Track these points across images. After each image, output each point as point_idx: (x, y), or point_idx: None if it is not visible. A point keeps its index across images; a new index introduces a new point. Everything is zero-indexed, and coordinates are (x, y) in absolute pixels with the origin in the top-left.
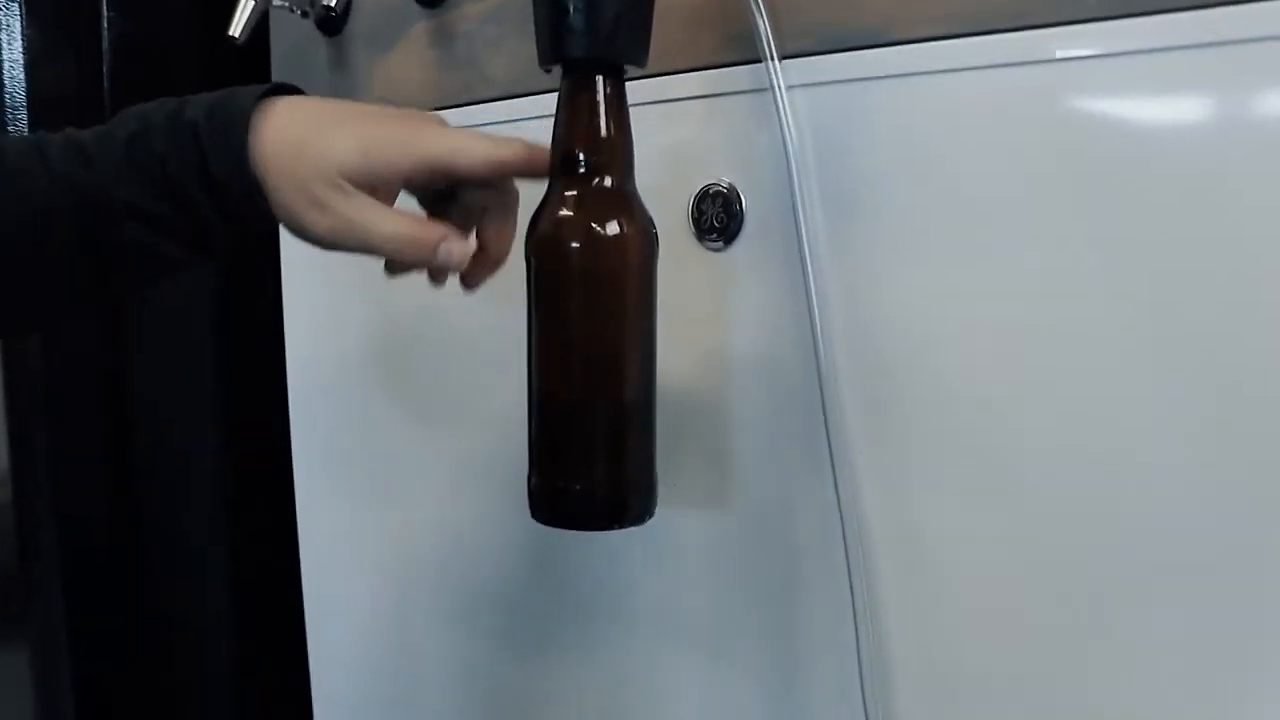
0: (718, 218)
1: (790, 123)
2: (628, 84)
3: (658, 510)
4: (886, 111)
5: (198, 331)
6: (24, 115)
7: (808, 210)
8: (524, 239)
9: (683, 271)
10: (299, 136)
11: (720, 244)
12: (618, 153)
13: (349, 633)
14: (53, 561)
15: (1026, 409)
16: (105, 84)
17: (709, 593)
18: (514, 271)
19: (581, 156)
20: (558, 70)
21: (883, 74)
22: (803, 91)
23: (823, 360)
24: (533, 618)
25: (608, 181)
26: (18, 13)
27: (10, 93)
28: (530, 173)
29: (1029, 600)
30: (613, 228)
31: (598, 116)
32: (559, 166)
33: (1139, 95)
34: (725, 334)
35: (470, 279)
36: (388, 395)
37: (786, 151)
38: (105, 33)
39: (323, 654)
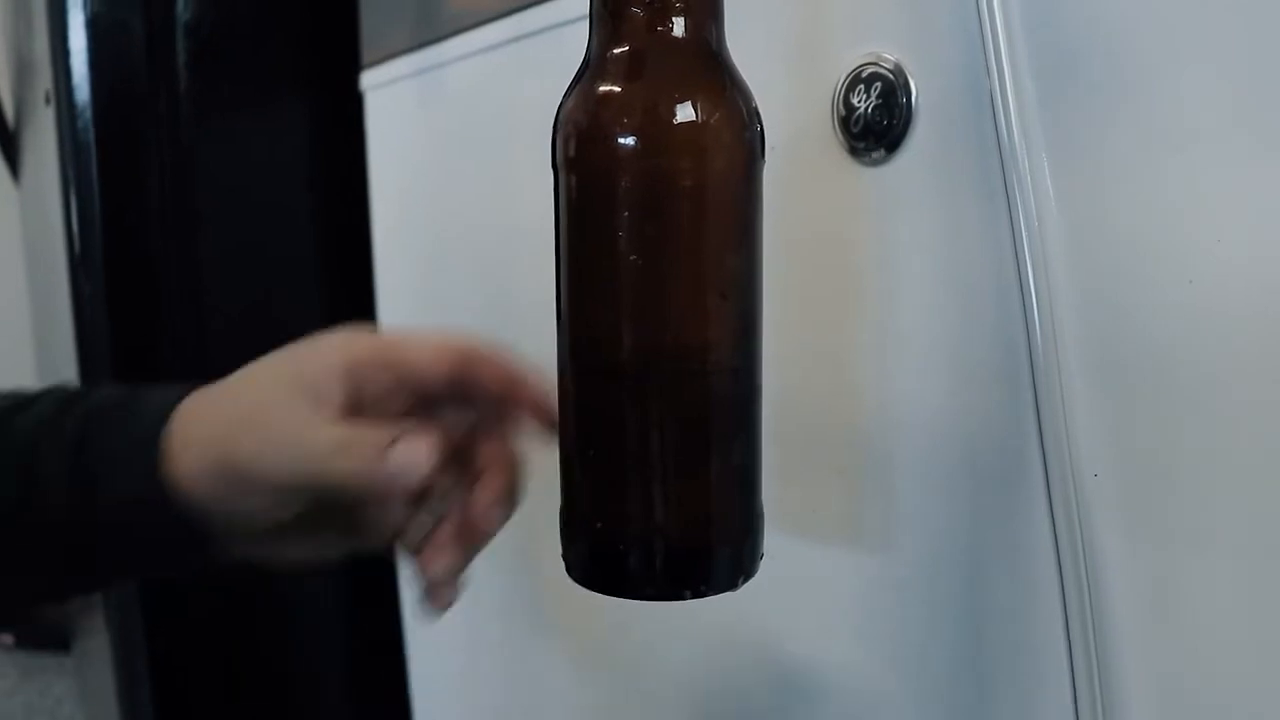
0: (875, 114)
1: None
2: None
3: (783, 554)
4: None
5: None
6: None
7: (1013, 100)
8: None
9: (822, 195)
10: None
11: (880, 153)
12: None
13: (452, 665)
14: None
15: None
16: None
17: (862, 668)
18: None
19: None
20: None
21: None
22: None
23: (1036, 327)
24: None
25: (679, 30)
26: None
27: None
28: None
29: None
30: (687, 110)
31: None
32: (601, 9)
33: None
34: (884, 288)
35: (441, 565)
36: None
37: (980, 8)
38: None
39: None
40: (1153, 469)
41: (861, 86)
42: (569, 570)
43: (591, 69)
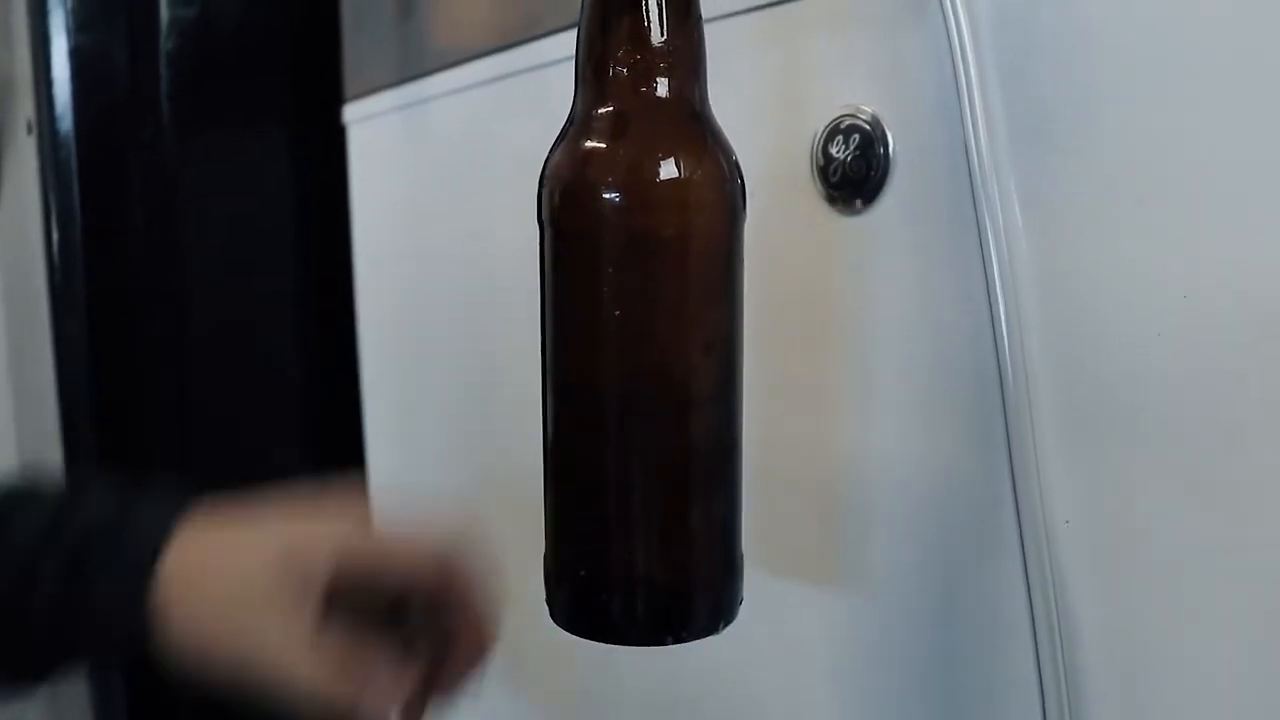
0: (853, 165)
1: (962, 17)
2: None
3: (759, 596)
4: None
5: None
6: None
7: (986, 150)
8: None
9: (801, 246)
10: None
11: (858, 203)
12: (676, 45)
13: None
14: None
15: None
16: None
17: (836, 708)
18: None
19: (619, 51)
20: None
21: None
22: None
23: (1009, 375)
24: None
25: (663, 91)
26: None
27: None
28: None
29: None
30: (670, 167)
31: None
32: (585, 66)
33: None
34: (862, 335)
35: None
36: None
37: (954, 60)
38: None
39: None
40: (1123, 517)
41: (840, 138)
42: (553, 615)
43: (577, 126)
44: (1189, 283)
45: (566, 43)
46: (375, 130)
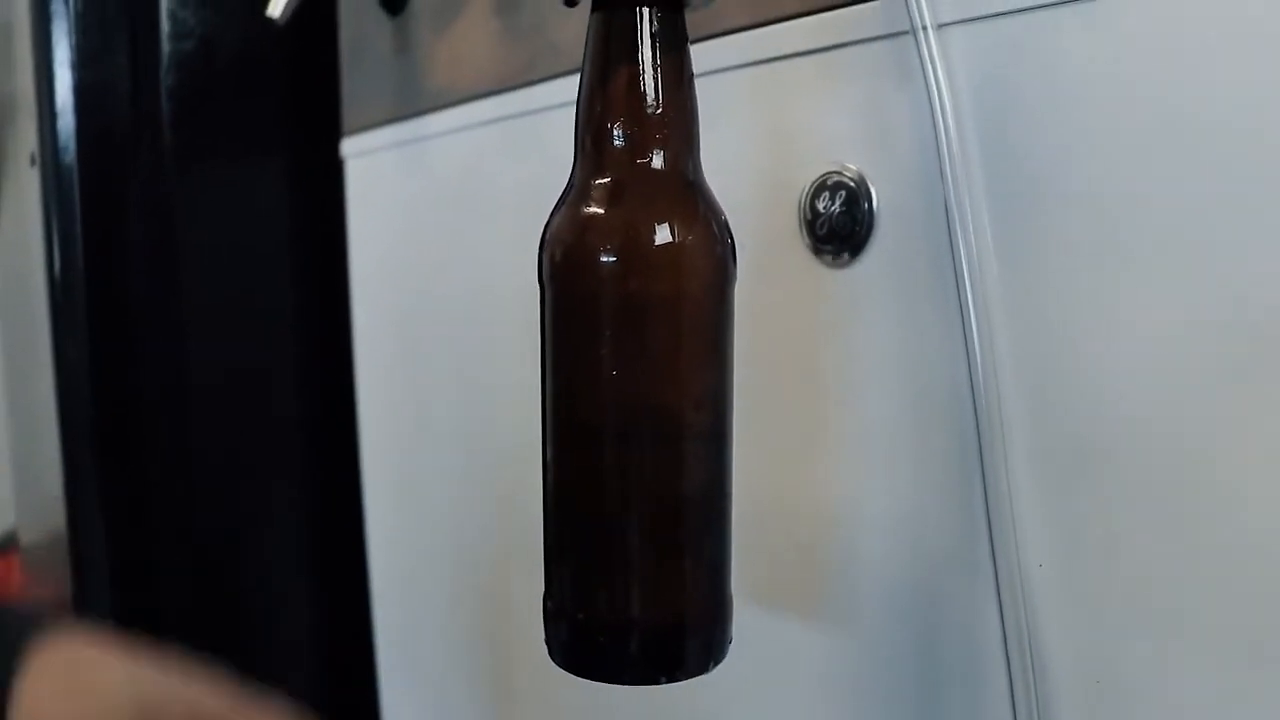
0: (839, 220)
1: (942, 80)
2: (704, 40)
3: (747, 633)
4: (1091, 56)
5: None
6: (72, 120)
7: (967, 208)
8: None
9: (789, 297)
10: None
11: (843, 257)
12: (672, 119)
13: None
14: (104, 590)
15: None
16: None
17: None
18: None
19: (617, 125)
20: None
21: None
22: (961, 32)
23: (985, 420)
24: None
25: (657, 162)
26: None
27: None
28: None
29: None
30: (664, 233)
31: (641, 66)
32: (584, 138)
33: None
34: (847, 381)
35: None
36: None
37: (936, 123)
38: (164, 24)
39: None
40: (1094, 560)
41: (827, 193)
42: (551, 654)
43: (577, 193)
44: (1158, 330)
45: (562, 89)
46: (373, 165)
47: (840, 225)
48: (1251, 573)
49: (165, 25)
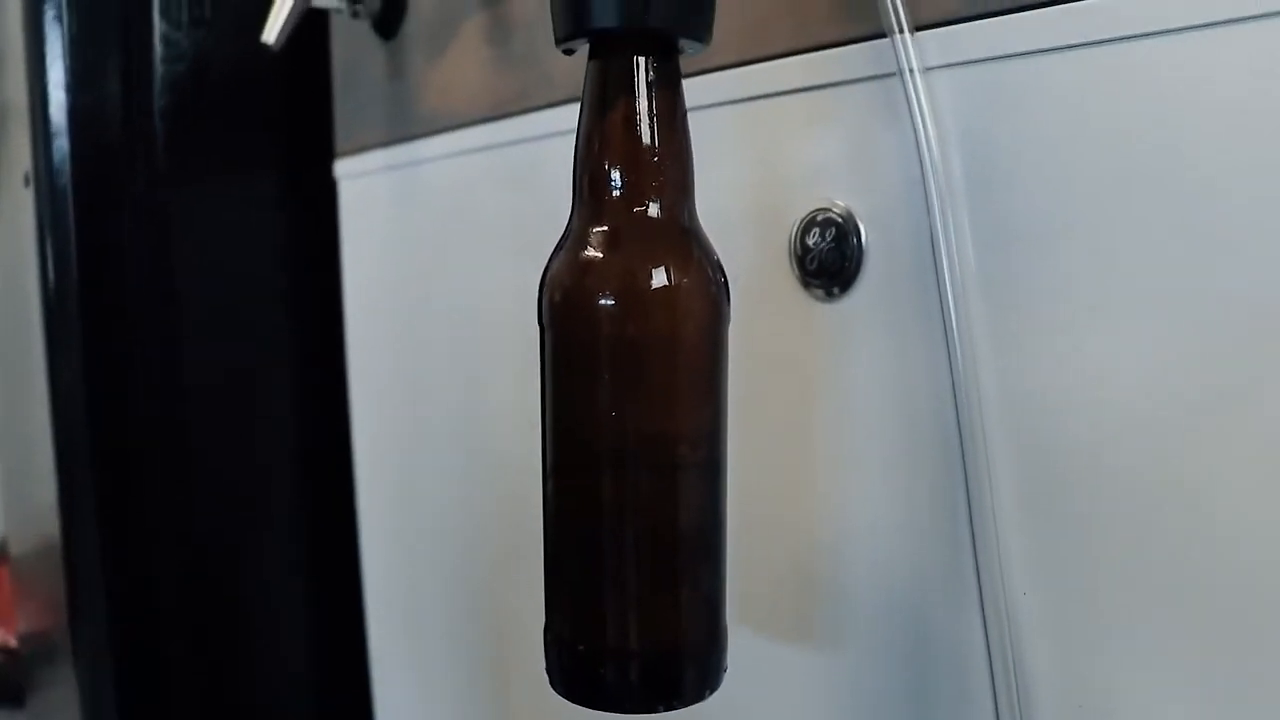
0: (829, 256)
1: (929, 121)
2: (696, 76)
3: (738, 655)
4: (1070, 100)
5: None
6: (66, 142)
7: (952, 244)
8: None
9: (780, 330)
10: None
11: (833, 291)
12: (668, 168)
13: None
14: (99, 593)
15: (1258, 516)
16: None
17: None
18: None
19: (615, 174)
20: (585, 51)
21: (1065, 43)
22: (946, 75)
23: (970, 451)
24: None
25: (653, 210)
26: (60, 24)
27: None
28: None
29: None
30: (660, 277)
31: (638, 114)
32: (583, 186)
33: None
34: (838, 411)
35: None
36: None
37: (923, 162)
38: (157, 46)
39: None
40: (1077, 586)
41: (816, 229)
42: (552, 682)
43: (576, 239)
44: (1133, 360)
45: (554, 118)
46: (366, 187)
47: (830, 260)
48: (1230, 599)
49: (159, 48)
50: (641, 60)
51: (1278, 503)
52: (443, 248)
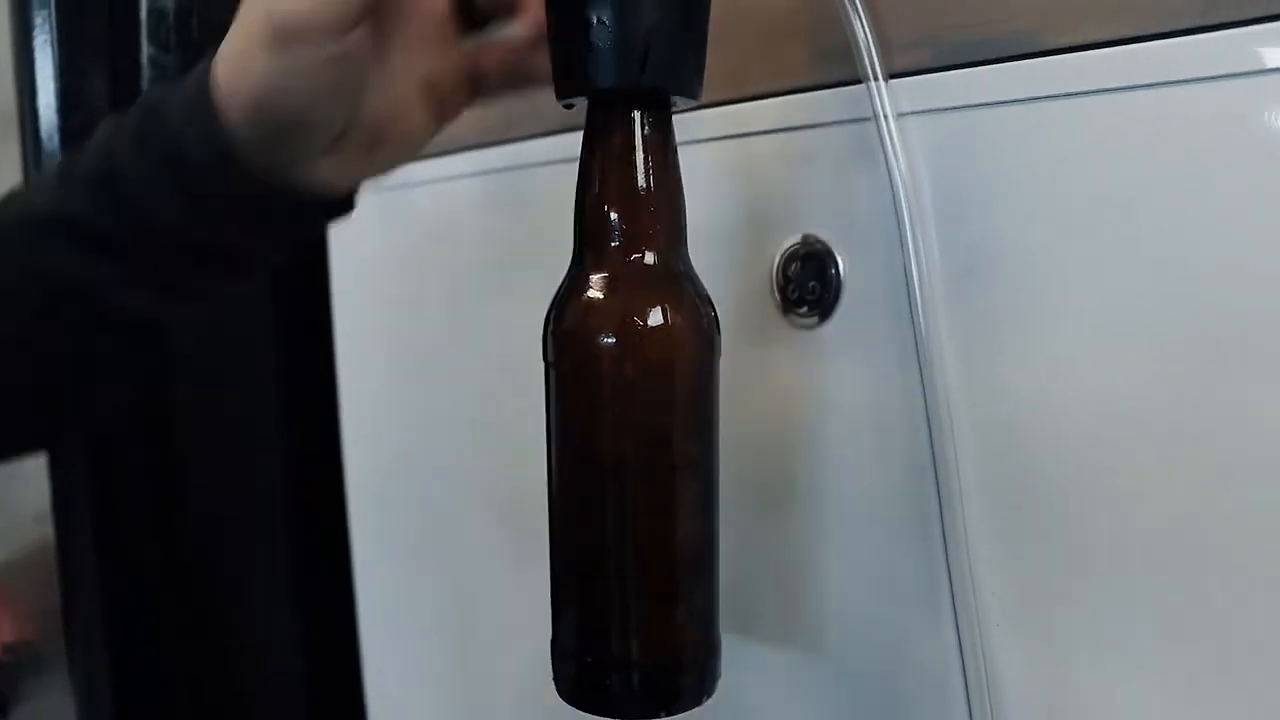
0: (809, 286)
1: (901, 162)
2: (683, 116)
3: (731, 665)
4: (1030, 146)
5: (251, 363)
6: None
7: (924, 276)
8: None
9: (764, 356)
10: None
11: (813, 319)
12: (663, 217)
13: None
14: (94, 601)
15: (1225, 545)
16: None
17: None
18: None
19: (614, 223)
20: (583, 105)
21: (1025, 95)
22: (917, 121)
23: (943, 472)
24: None
25: (649, 257)
26: (49, 47)
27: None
28: None
29: None
30: (656, 317)
31: (634, 168)
32: (584, 236)
33: None
34: (817, 436)
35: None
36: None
37: (896, 200)
38: (144, 68)
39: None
40: (1046, 597)
41: (797, 261)
42: (559, 689)
43: (578, 283)
44: (1096, 384)
45: (543, 148)
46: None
47: (810, 290)
48: (1196, 602)
49: (146, 70)
50: (637, 116)
51: (1240, 508)
52: (431, 270)
